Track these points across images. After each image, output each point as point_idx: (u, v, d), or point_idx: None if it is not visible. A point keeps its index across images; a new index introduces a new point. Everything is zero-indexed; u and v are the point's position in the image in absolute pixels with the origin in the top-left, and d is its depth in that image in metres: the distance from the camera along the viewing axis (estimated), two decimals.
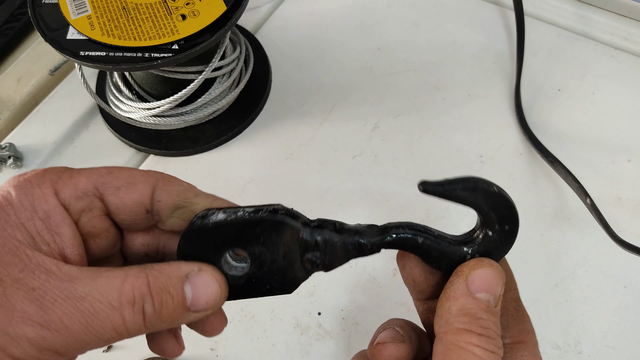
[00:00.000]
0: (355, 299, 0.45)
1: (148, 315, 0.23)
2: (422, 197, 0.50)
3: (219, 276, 0.25)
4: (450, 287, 0.25)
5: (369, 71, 0.58)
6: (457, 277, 0.25)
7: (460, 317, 0.23)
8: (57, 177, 0.25)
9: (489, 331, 0.23)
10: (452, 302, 0.24)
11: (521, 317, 0.26)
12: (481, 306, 0.24)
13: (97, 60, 0.43)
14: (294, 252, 0.26)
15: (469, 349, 0.23)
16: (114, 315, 0.22)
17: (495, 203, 0.25)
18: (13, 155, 0.52)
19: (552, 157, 0.49)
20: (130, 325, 0.23)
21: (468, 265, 0.25)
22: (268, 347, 0.44)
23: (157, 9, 0.46)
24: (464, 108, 0.55)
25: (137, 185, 0.26)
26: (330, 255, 0.26)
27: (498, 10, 0.62)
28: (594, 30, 0.60)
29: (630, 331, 0.43)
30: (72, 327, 0.22)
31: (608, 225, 0.44)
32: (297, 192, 0.51)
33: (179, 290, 0.24)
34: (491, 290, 0.24)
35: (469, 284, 0.24)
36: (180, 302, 0.24)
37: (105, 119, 0.55)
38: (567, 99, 0.55)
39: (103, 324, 0.22)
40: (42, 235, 0.23)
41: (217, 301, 0.25)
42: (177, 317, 0.24)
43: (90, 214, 0.25)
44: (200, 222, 0.26)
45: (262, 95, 0.56)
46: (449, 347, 0.23)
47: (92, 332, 0.22)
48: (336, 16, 0.62)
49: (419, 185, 0.24)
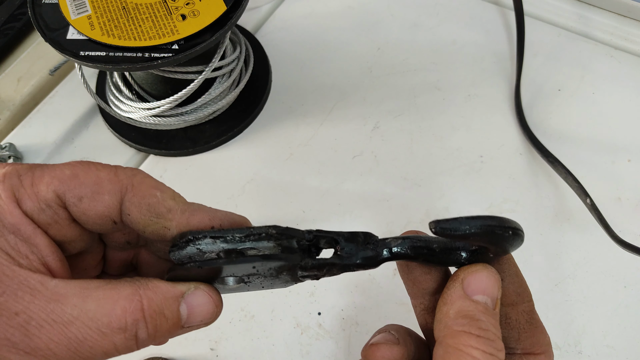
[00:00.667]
0: (355, 299, 0.45)
1: (141, 340, 0.22)
2: (422, 197, 0.50)
3: (215, 294, 0.25)
4: (447, 292, 0.25)
5: (369, 71, 0.58)
6: (454, 282, 0.25)
7: (458, 320, 0.23)
8: (18, 183, 0.23)
9: (487, 333, 0.23)
10: (449, 306, 0.24)
11: (534, 330, 0.26)
12: (479, 308, 0.24)
13: (97, 60, 0.43)
14: (289, 275, 0.25)
15: (467, 352, 0.22)
16: (103, 342, 0.21)
17: (505, 245, 0.24)
18: (13, 155, 0.52)
19: (552, 157, 0.49)
20: (121, 349, 0.22)
21: (463, 270, 0.25)
22: (268, 347, 0.44)
23: (157, 9, 0.46)
24: (464, 108, 0.55)
25: (102, 195, 0.23)
26: (325, 272, 0.26)
27: (498, 10, 0.62)
28: (594, 30, 0.60)
29: (630, 331, 0.43)
30: (59, 354, 0.21)
31: (608, 225, 0.44)
32: (297, 192, 0.51)
33: (174, 312, 0.23)
34: (488, 293, 0.24)
35: (465, 287, 0.24)
36: (176, 322, 0.23)
37: (105, 119, 0.55)
38: (567, 99, 0.55)
39: (92, 350, 0.21)
40: (17, 249, 0.22)
41: (212, 318, 0.25)
42: (171, 335, 0.24)
43: (57, 225, 0.23)
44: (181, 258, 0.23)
45: (262, 95, 0.56)
46: (447, 351, 0.23)
47: (80, 357, 0.21)
48: (336, 16, 0.62)
49: (430, 227, 0.23)
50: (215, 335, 0.44)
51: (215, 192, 0.51)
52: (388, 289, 0.46)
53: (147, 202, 0.24)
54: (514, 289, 0.26)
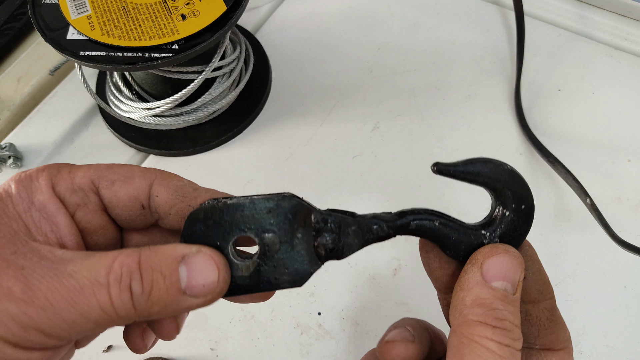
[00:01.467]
0: (355, 299, 0.45)
1: (136, 294, 0.22)
2: (422, 197, 0.50)
3: (219, 258, 0.23)
4: (465, 277, 0.23)
5: (369, 71, 0.58)
6: (472, 266, 0.24)
7: (475, 309, 0.22)
8: (56, 171, 0.25)
9: (504, 322, 0.22)
10: (466, 292, 0.23)
11: (554, 327, 0.25)
12: (497, 295, 0.22)
13: (97, 60, 0.43)
14: (306, 235, 0.24)
15: (482, 343, 0.21)
16: (100, 293, 0.21)
17: (509, 180, 0.24)
18: (13, 155, 0.52)
19: (552, 157, 0.49)
20: (117, 304, 0.21)
21: (482, 253, 0.24)
22: (268, 347, 0.44)
23: (157, 9, 0.46)
24: (464, 108, 0.55)
25: (133, 179, 0.25)
26: (344, 238, 0.24)
27: (498, 10, 0.62)
28: (594, 30, 0.60)
29: (630, 331, 0.43)
30: (57, 304, 0.21)
31: (608, 225, 0.44)
32: (297, 192, 0.51)
33: (172, 270, 0.22)
34: (508, 278, 0.23)
35: (484, 272, 0.23)
36: (174, 283, 0.22)
37: (105, 119, 0.55)
38: (567, 99, 0.55)
39: (89, 301, 0.21)
40: (39, 226, 0.23)
41: (216, 285, 0.23)
42: (171, 300, 0.22)
43: (85, 209, 0.25)
44: (208, 203, 0.24)
45: (262, 95, 0.56)
46: (462, 341, 0.22)
47: (77, 309, 0.21)
48: (336, 16, 0.62)
49: (432, 167, 0.24)
50: (215, 335, 0.44)
51: None
52: (388, 289, 0.46)
53: (175, 184, 0.26)
54: (536, 286, 0.25)
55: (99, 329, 0.22)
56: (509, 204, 0.24)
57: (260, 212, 0.24)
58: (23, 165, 0.53)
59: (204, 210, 0.24)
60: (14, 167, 0.52)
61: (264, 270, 0.24)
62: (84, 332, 0.22)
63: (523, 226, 0.25)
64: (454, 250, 0.25)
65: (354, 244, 0.25)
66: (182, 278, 0.22)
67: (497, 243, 0.24)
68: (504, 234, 0.25)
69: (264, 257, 0.24)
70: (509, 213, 0.25)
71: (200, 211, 0.24)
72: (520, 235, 0.25)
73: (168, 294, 0.22)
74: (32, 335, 0.21)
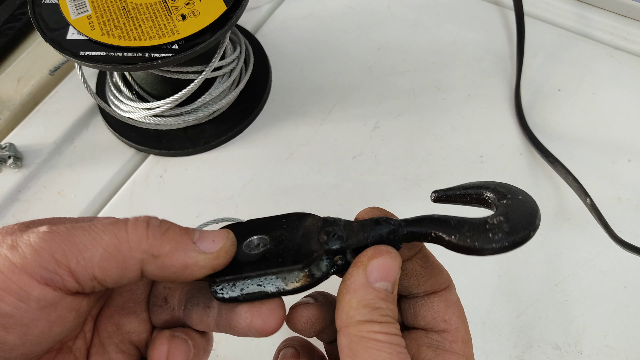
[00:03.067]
0: None
1: (153, 225, 0.24)
2: (422, 197, 0.50)
3: (230, 231, 0.26)
4: (350, 279, 0.25)
5: (369, 71, 0.58)
6: (357, 268, 0.25)
7: (361, 310, 0.24)
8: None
9: (387, 317, 0.24)
10: (352, 295, 0.24)
11: (430, 272, 0.27)
12: (380, 296, 0.24)
13: (97, 60, 0.43)
14: (313, 231, 0.26)
15: (371, 337, 0.23)
16: (118, 224, 0.23)
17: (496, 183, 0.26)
18: (13, 155, 0.52)
19: (552, 157, 0.49)
20: (131, 230, 0.23)
21: (366, 255, 0.25)
22: (268, 347, 0.44)
23: (157, 9, 0.46)
24: (464, 108, 0.55)
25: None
26: (348, 231, 0.26)
27: (498, 10, 0.62)
28: (594, 30, 0.60)
29: (630, 331, 0.43)
30: (74, 231, 0.23)
31: (608, 225, 0.44)
32: (297, 192, 0.51)
33: (187, 229, 0.25)
34: (389, 278, 0.25)
35: (368, 274, 0.25)
36: (187, 232, 0.24)
37: (105, 119, 0.55)
38: (567, 99, 0.55)
39: (105, 227, 0.23)
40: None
41: (224, 242, 0.25)
42: (183, 245, 0.24)
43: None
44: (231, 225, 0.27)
45: (262, 95, 0.56)
46: (352, 340, 0.24)
47: (91, 234, 0.23)
48: (336, 16, 0.62)
49: (430, 196, 0.26)
50: (216, 335, 0.44)
51: (215, 192, 0.51)
52: None
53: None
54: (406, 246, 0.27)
55: (106, 261, 0.23)
56: (504, 196, 0.25)
57: (276, 223, 0.27)
58: (23, 165, 0.53)
59: (231, 226, 0.27)
60: (13, 167, 0.52)
61: (270, 255, 0.26)
62: (92, 262, 0.23)
63: (528, 207, 0.24)
64: (457, 232, 0.24)
65: (356, 234, 0.26)
66: (195, 234, 0.25)
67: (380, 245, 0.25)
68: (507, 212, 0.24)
69: (270, 245, 0.26)
70: (506, 200, 0.25)
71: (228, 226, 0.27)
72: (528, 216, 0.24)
73: (181, 237, 0.24)
74: (43, 259, 0.22)
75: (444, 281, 0.27)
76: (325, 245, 0.26)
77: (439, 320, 0.27)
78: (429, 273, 0.27)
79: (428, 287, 0.27)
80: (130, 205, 0.51)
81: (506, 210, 0.24)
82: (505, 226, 0.23)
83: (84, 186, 0.52)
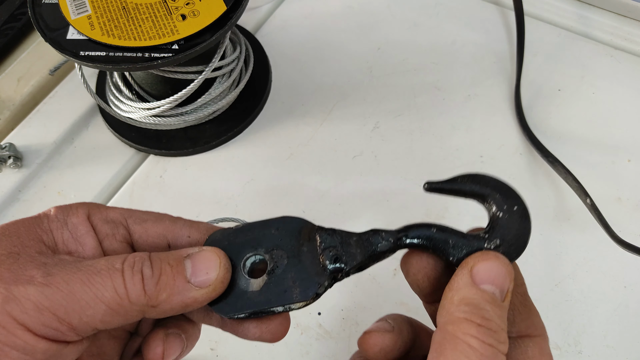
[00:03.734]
0: (355, 299, 0.45)
1: (146, 277, 0.24)
2: (422, 197, 0.50)
3: (221, 253, 0.26)
4: (455, 279, 0.24)
5: (369, 71, 0.58)
6: (462, 269, 0.24)
7: (461, 306, 0.22)
8: (94, 206, 0.27)
9: (490, 323, 0.22)
10: (454, 292, 0.23)
11: (528, 312, 0.25)
12: (485, 297, 0.23)
13: (97, 60, 0.43)
14: (311, 249, 0.26)
15: (465, 340, 0.21)
16: (115, 275, 0.23)
17: (494, 186, 0.25)
18: (13, 155, 0.52)
19: (552, 157, 0.49)
20: (129, 286, 0.23)
21: (473, 257, 0.24)
22: (268, 347, 0.44)
23: (157, 9, 0.46)
24: (464, 108, 0.55)
25: (164, 220, 0.28)
26: (347, 248, 0.26)
27: (498, 10, 0.62)
28: (594, 30, 0.60)
29: (630, 331, 0.43)
30: (73, 285, 0.23)
31: (608, 225, 0.44)
32: (297, 192, 0.51)
33: (178, 262, 0.25)
34: (497, 283, 0.23)
35: (473, 275, 0.23)
36: (180, 271, 0.24)
37: (105, 119, 0.55)
38: (567, 99, 0.55)
39: (103, 281, 0.23)
40: (66, 243, 0.26)
41: (218, 272, 0.25)
42: (178, 288, 0.24)
43: (113, 239, 0.27)
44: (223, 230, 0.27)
45: (262, 95, 0.56)
46: (445, 337, 0.22)
47: (92, 290, 0.23)
48: (336, 16, 0.62)
49: (423, 186, 0.26)
50: (215, 335, 0.44)
51: (215, 192, 0.51)
52: (388, 289, 0.46)
53: (205, 226, 0.28)
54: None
55: (109, 317, 0.23)
56: (501, 207, 0.25)
57: (268, 232, 0.27)
58: (23, 165, 0.53)
59: (220, 233, 0.27)
60: (13, 167, 0.52)
61: (274, 284, 0.26)
62: (95, 318, 0.23)
63: (521, 225, 0.25)
64: (455, 255, 0.25)
65: (356, 254, 0.26)
66: (187, 269, 0.25)
67: (490, 250, 0.25)
68: (504, 234, 0.25)
69: (273, 273, 0.26)
70: (502, 214, 0.25)
71: (216, 235, 0.27)
72: (521, 235, 0.25)
73: (175, 281, 0.24)
74: (46, 318, 0.22)
75: (539, 327, 0.26)
76: (328, 270, 0.26)
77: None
78: (527, 312, 0.25)
79: (522, 328, 0.25)
80: (130, 205, 0.51)
81: (503, 232, 0.25)
82: (500, 250, 0.25)
83: (84, 186, 0.52)
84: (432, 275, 0.26)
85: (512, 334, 0.25)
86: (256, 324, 0.26)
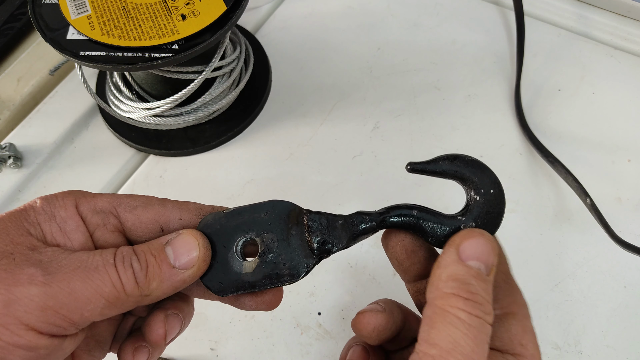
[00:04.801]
0: (355, 299, 0.45)
1: (136, 270, 0.25)
2: (422, 197, 0.50)
3: (197, 233, 0.27)
4: (442, 256, 0.25)
5: (369, 71, 0.58)
6: (449, 247, 0.25)
7: (449, 282, 0.24)
8: (80, 195, 0.28)
9: (476, 296, 0.23)
10: (442, 269, 0.25)
11: (511, 290, 0.27)
12: (471, 272, 0.24)
13: (97, 60, 0.43)
14: (300, 232, 0.27)
15: (453, 313, 0.23)
16: (111, 270, 0.24)
17: (473, 169, 0.27)
18: (13, 155, 0.52)
19: (552, 157, 0.49)
20: (124, 279, 0.25)
21: (459, 235, 0.26)
22: (268, 347, 0.44)
23: (157, 9, 0.46)
24: (464, 108, 0.55)
25: (153, 205, 0.28)
26: (333, 231, 0.27)
27: (498, 10, 0.62)
28: (594, 30, 0.60)
29: (630, 331, 0.43)
30: (73, 283, 0.23)
31: (608, 225, 0.44)
32: (297, 192, 0.51)
33: (159, 251, 0.26)
34: (482, 259, 0.25)
35: (460, 252, 0.25)
36: (163, 259, 0.26)
37: (105, 119, 0.55)
38: (567, 99, 0.55)
39: (102, 277, 0.24)
40: (54, 236, 0.26)
41: (198, 252, 0.26)
42: (165, 275, 0.26)
43: (104, 229, 0.27)
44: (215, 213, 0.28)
45: (262, 95, 0.56)
46: (435, 311, 0.23)
47: (92, 286, 0.24)
48: (336, 16, 0.62)
49: (406, 167, 0.27)
50: (215, 335, 0.44)
51: (215, 192, 0.51)
52: (388, 289, 0.46)
53: (194, 206, 0.29)
54: None
55: (108, 310, 0.25)
56: (478, 190, 0.27)
57: (259, 216, 0.28)
58: (23, 165, 0.53)
59: (212, 217, 0.28)
60: (13, 167, 0.52)
61: (265, 266, 0.27)
62: (95, 312, 0.24)
63: (496, 208, 0.27)
64: (434, 236, 0.27)
65: (342, 236, 0.27)
66: (169, 255, 0.26)
67: (474, 227, 0.26)
68: (478, 216, 0.27)
69: (265, 255, 0.27)
70: (479, 197, 0.27)
71: (208, 218, 0.28)
72: (495, 217, 0.27)
73: (161, 269, 0.26)
74: (49, 317, 0.23)
75: (522, 305, 0.27)
76: (315, 252, 0.27)
77: (516, 343, 0.26)
78: (509, 289, 0.27)
79: (506, 304, 0.26)
80: None
81: (477, 214, 0.27)
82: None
83: (84, 186, 0.52)
84: (410, 249, 0.28)
85: (496, 310, 0.26)
86: (251, 297, 0.28)
